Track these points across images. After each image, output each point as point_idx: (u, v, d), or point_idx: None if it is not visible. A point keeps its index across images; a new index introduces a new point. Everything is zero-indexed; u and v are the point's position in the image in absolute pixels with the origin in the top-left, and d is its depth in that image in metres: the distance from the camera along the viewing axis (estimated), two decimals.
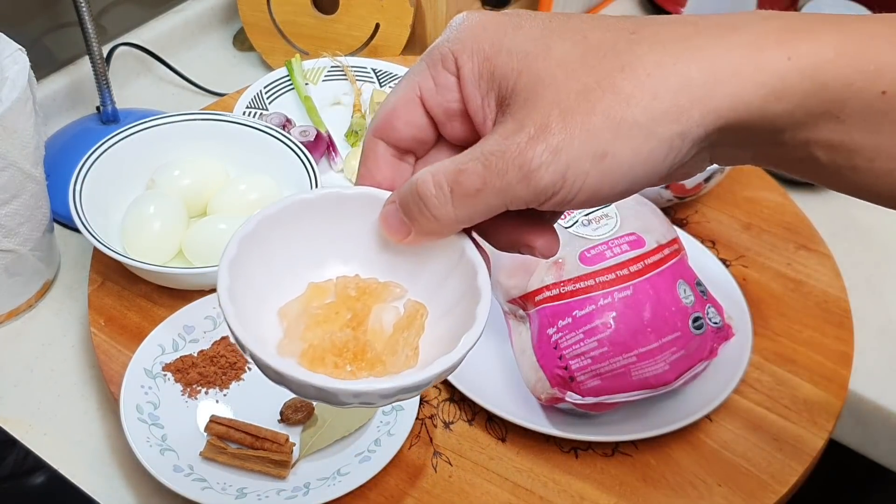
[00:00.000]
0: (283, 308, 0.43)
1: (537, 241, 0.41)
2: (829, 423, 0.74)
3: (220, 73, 1.12)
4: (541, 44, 0.38)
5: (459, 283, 0.42)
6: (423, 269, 0.43)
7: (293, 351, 0.41)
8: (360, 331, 0.42)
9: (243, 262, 0.41)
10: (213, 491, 0.66)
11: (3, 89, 0.73)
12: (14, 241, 0.77)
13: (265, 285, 0.42)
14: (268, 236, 0.42)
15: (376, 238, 0.43)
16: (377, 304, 0.43)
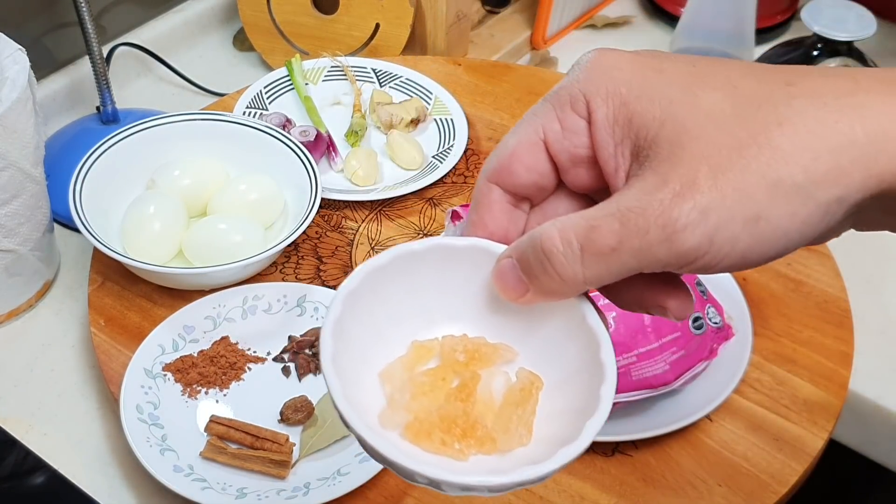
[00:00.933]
0: (384, 371, 0.40)
1: (669, 302, 0.37)
2: (829, 423, 0.74)
3: (220, 73, 1.12)
4: (687, 92, 0.35)
5: (578, 352, 0.39)
6: (537, 332, 0.40)
7: (397, 422, 0.38)
8: (469, 402, 0.38)
9: (346, 321, 0.38)
10: (213, 491, 0.66)
11: (3, 89, 0.73)
12: (14, 241, 0.77)
13: (367, 343, 0.39)
14: (372, 290, 0.39)
15: (486, 295, 0.40)
16: (486, 368, 0.39)
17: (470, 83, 1.06)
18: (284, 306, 0.79)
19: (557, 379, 0.39)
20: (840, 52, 0.94)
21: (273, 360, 0.77)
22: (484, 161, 0.97)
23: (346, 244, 0.87)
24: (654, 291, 0.37)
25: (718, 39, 1.06)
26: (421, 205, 0.92)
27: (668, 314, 0.37)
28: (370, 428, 0.36)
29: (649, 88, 0.35)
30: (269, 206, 0.85)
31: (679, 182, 0.33)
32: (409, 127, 0.98)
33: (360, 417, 0.36)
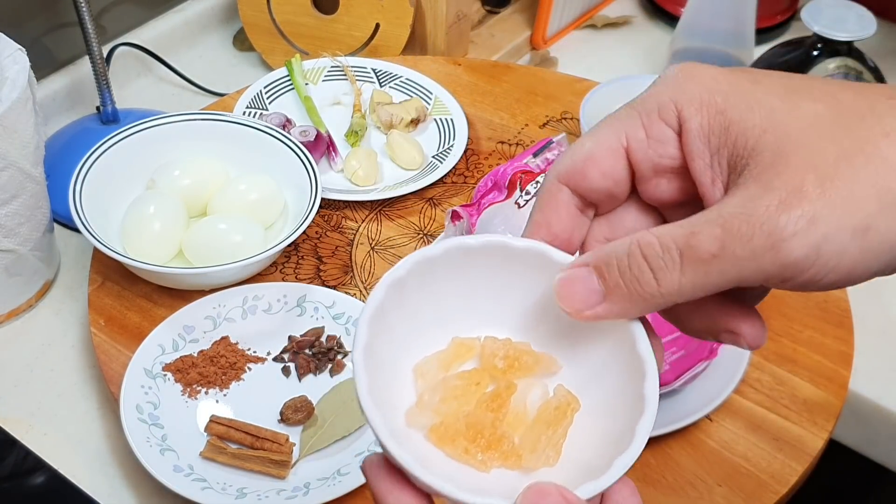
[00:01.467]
0: (419, 364, 0.39)
1: (744, 328, 0.35)
2: (829, 423, 0.74)
3: (220, 73, 1.12)
4: (787, 101, 0.34)
5: (621, 380, 0.38)
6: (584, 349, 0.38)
7: (423, 423, 0.37)
8: (500, 413, 0.37)
9: (388, 308, 0.37)
10: (213, 491, 0.66)
11: (3, 89, 0.73)
12: (14, 241, 0.77)
13: (407, 333, 0.38)
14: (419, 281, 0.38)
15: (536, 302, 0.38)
16: (524, 377, 0.38)
17: (470, 83, 1.06)
18: (284, 306, 0.79)
19: (596, 402, 0.38)
20: (840, 52, 0.94)
21: (273, 360, 0.77)
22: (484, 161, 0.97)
23: (346, 244, 0.87)
24: (728, 316, 0.35)
25: (718, 39, 1.06)
26: (421, 205, 0.92)
27: (741, 342, 0.36)
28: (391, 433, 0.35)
29: (747, 97, 0.34)
30: (269, 206, 0.85)
31: (785, 189, 0.32)
32: (409, 127, 0.98)
33: (384, 417, 0.35)
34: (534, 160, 0.82)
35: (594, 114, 0.92)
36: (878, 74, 0.96)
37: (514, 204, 0.76)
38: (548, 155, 0.83)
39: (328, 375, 0.76)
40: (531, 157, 0.83)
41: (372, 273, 0.85)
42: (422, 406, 0.38)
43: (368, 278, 0.84)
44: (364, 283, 0.84)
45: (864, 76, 0.95)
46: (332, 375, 0.76)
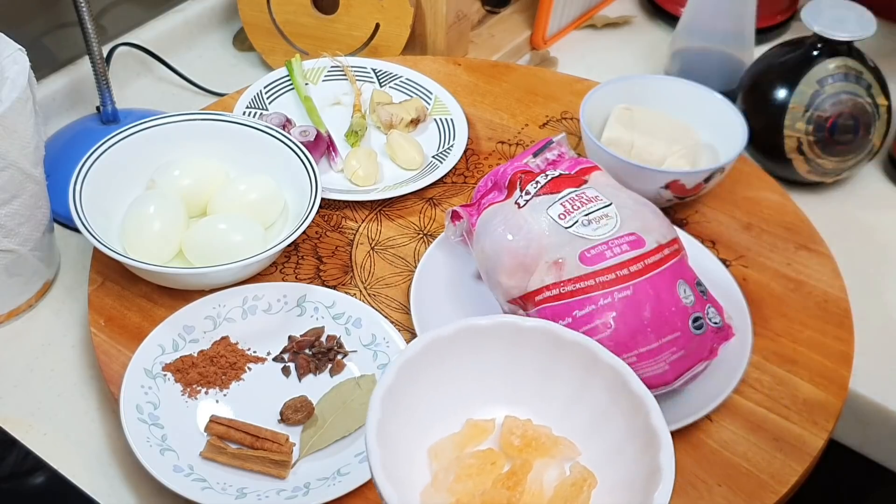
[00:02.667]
0: (434, 446, 0.39)
1: None
2: (829, 423, 0.74)
3: (220, 73, 1.12)
4: None
5: (639, 453, 0.38)
6: (602, 427, 0.39)
7: (439, 503, 0.37)
8: (515, 491, 0.37)
9: (400, 390, 0.37)
10: (213, 491, 0.66)
11: (3, 89, 0.73)
12: (14, 241, 0.77)
13: (422, 414, 0.39)
14: (432, 361, 0.38)
15: (552, 381, 0.39)
16: (542, 458, 0.38)
17: (470, 83, 1.06)
18: (284, 306, 0.79)
19: (614, 481, 0.38)
20: (840, 52, 0.94)
21: (273, 360, 0.77)
22: (484, 161, 0.97)
23: (346, 244, 0.87)
24: None
25: (718, 39, 1.06)
26: (421, 205, 0.92)
27: None
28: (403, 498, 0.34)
29: None
30: (269, 206, 0.85)
31: None
32: (409, 127, 0.98)
33: (399, 494, 0.35)
34: (534, 160, 0.82)
35: (594, 114, 0.93)
36: (878, 74, 0.96)
37: (514, 204, 0.76)
38: (548, 155, 0.83)
39: (328, 375, 0.76)
40: (531, 157, 0.83)
41: (372, 273, 0.85)
42: (437, 485, 0.38)
43: (368, 278, 0.84)
44: (364, 282, 0.84)
45: (864, 76, 0.95)
46: (332, 375, 0.76)
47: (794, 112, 0.95)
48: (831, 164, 0.96)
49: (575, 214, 0.74)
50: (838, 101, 0.94)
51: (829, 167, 0.97)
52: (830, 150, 0.96)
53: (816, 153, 0.95)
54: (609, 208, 0.74)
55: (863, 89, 0.94)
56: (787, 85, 0.95)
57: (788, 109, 0.95)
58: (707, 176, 0.86)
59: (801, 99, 0.94)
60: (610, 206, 0.74)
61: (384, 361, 0.75)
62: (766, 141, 0.97)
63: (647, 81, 0.97)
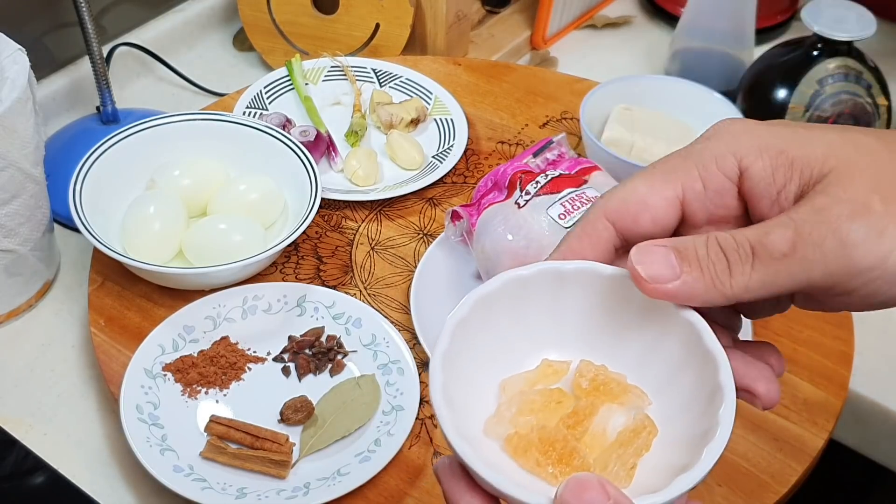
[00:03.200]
0: (506, 380, 0.39)
1: (760, 387, 0.38)
2: (829, 423, 0.74)
3: (220, 73, 1.12)
4: (843, 135, 0.37)
5: (695, 376, 0.38)
6: (654, 356, 0.39)
7: (499, 433, 0.38)
8: (577, 430, 0.38)
9: (472, 323, 0.39)
10: (213, 491, 0.66)
11: (3, 89, 0.73)
12: (14, 241, 0.77)
13: (492, 350, 0.39)
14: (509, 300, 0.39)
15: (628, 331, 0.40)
16: (610, 404, 0.39)
17: (470, 83, 1.06)
18: (284, 306, 0.79)
19: (674, 411, 0.39)
20: (840, 52, 0.94)
21: (273, 360, 0.77)
22: (484, 161, 0.97)
23: (346, 244, 0.87)
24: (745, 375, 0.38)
25: (718, 39, 1.06)
26: (421, 205, 0.92)
27: (755, 401, 0.38)
28: (459, 433, 0.35)
29: (803, 135, 0.37)
30: (269, 206, 0.85)
31: (854, 203, 0.34)
32: (409, 127, 0.98)
33: (455, 419, 0.36)
34: (534, 160, 0.82)
35: (594, 114, 0.92)
36: (878, 74, 0.96)
37: (514, 204, 0.76)
38: (548, 155, 0.83)
39: (328, 375, 0.76)
40: (531, 157, 0.83)
41: (372, 273, 0.85)
42: (499, 417, 0.38)
43: (368, 278, 0.84)
44: (364, 282, 0.84)
45: (865, 76, 0.95)
46: (332, 375, 0.76)
47: (793, 112, 0.94)
48: None
49: (575, 214, 0.74)
50: (838, 102, 0.94)
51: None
52: None
53: None
54: None
55: (863, 89, 0.94)
56: (787, 85, 0.95)
57: (788, 109, 0.95)
58: None
59: (801, 99, 0.94)
60: None
61: (384, 361, 0.75)
62: None
63: (647, 81, 0.97)
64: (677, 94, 0.95)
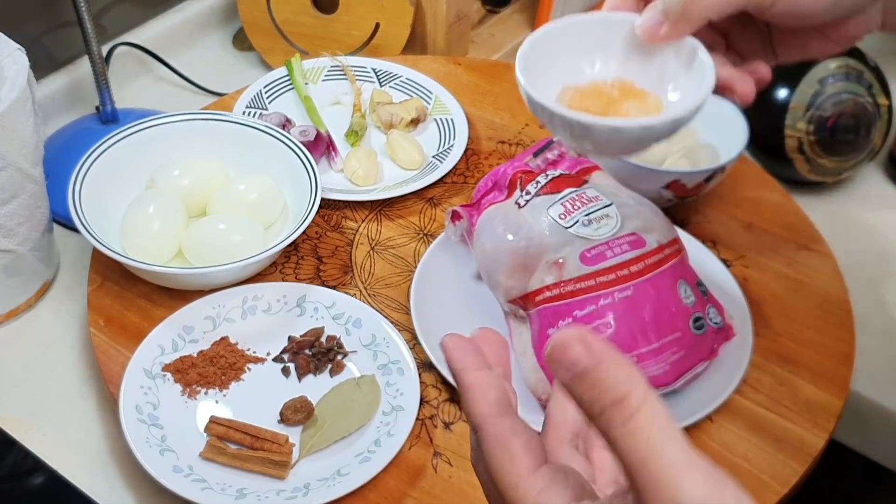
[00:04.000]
0: (565, 86, 0.56)
1: (737, 86, 0.55)
2: (830, 423, 0.74)
3: (220, 72, 1.12)
4: None
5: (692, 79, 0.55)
6: (665, 72, 0.56)
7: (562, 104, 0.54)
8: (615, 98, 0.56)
9: (544, 46, 0.55)
10: (213, 491, 0.66)
11: (3, 89, 0.73)
12: (13, 241, 0.77)
13: (554, 65, 0.55)
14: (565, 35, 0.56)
15: (631, 50, 0.56)
16: (634, 101, 0.55)
17: (470, 83, 1.05)
18: (284, 306, 0.79)
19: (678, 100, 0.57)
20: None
21: (273, 360, 0.77)
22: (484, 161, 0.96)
23: (346, 244, 0.87)
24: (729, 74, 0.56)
25: None
26: (421, 205, 0.92)
27: (734, 97, 0.55)
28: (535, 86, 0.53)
29: None
30: (269, 206, 0.85)
31: None
32: (409, 127, 0.98)
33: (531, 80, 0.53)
34: (534, 160, 0.82)
35: None
36: (879, 74, 0.96)
37: (515, 204, 0.76)
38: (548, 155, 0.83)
39: (328, 376, 0.76)
40: (531, 157, 0.83)
41: (372, 273, 0.85)
42: (560, 98, 0.55)
43: (368, 278, 0.84)
44: (364, 283, 0.84)
45: (865, 76, 0.95)
46: (332, 376, 0.76)
47: (794, 112, 0.94)
48: (832, 164, 0.96)
49: (575, 214, 0.73)
50: (839, 101, 0.94)
51: (830, 167, 0.97)
52: (831, 150, 0.96)
53: (817, 153, 0.95)
54: (609, 208, 0.74)
55: (864, 89, 0.94)
56: (788, 84, 0.95)
57: (789, 109, 0.95)
58: (708, 176, 0.86)
59: (802, 98, 0.94)
60: (610, 206, 0.74)
61: (384, 362, 0.75)
62: (767, 141, 0.97)
63: None
64: None
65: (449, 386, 0.74)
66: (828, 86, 0.94)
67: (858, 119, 0.95)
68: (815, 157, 0.96)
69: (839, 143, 0.95)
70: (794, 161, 0.96)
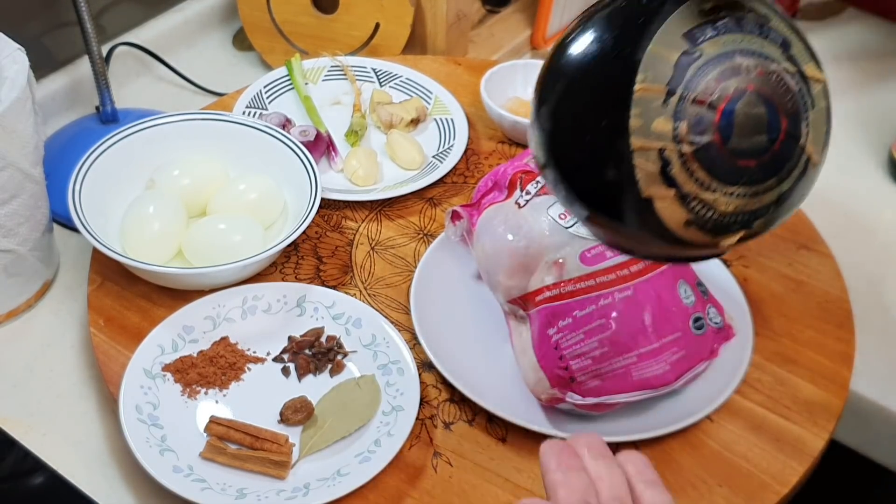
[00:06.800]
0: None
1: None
2: (829, 423, 0.74)
3: (220, 72, 1.12)
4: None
5: None
6: None
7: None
8: None
9: None
10: (213, 491, 0.66)
11: (3, 89, 0.73)
12: (13, 241, 0.77)
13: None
14: None
15: None
16: None
17: (470, 83, 1.05)
18: (284, 306, 0.79)
19: None
20: None
21: (273, 360, 0.77)
22: (484, 160, 0.96)
23: (346, 244, 0.87)
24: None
25: None
26: (421, 205, 0.92)
27: None
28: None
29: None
30: (269, 206, 0.85)
31: None
32: (409, 127, 0.98)
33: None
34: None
35: None
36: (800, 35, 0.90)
37: (515, 204, 0.76)
38: None
39: (328, 376, 0.76)
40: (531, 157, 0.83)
41: (372, 273, 0.85)
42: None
43: (368, 278, 0.84)
44: (364, 283, 0.84)
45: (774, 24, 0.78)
46: (332, 376, 0.76)
47: (645, 99, 0.47)
48: (730, 200, 0.48)
49: None
50: (732, 69, 0.47)
51: (728, 208, 0.48)
52: (725, 169, 0.48)
53: (699, 179, 0.47)
54: None
55: (775, 48, 0.49)
56: (623, 49, 0.47)
57: (633, 96, 0.47)
58: None
59: (658, 72, 0.47)
60: None
61: (384, 362, 0.75)
62: (590, 174, 0.49)
63: None
64: None
65: (449, 386, 0.74)
66: (705, 42, 0.47)
67: (772, 103, 0.48)
68: (695, 190, 0.47)
69: (740, 155, 0.48)
70: (655, 202, 0.48)
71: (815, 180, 0.51)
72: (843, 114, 1.09)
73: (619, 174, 0.47)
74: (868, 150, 1.05)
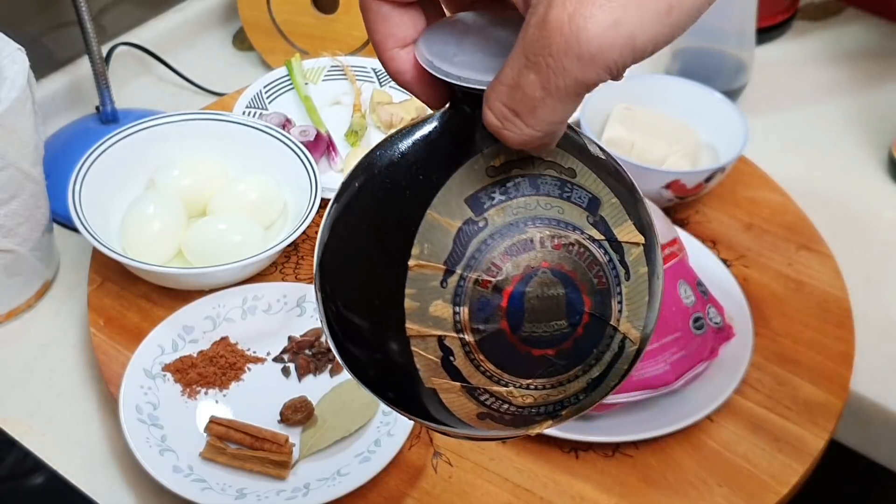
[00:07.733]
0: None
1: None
2: (830, 423, 0.74)
3: (220, 72, 1.12)
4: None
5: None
6: None
7: None
8: None
9: None
10: (213, 491, 0.66)
11: (3, 89, 0.73)
12: (13, 241, 0.77)
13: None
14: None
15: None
16: None
17: None
18: (284, 306, 0.79)
19: None
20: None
21: (273, 360, 0.77)
22: None
23: None
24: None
25: (719, 39, 1.06)
26: None
27: None
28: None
29: None
30: (269, 206, 0.85)
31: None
32: None
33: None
34: None
35: (595, 113, 0.92)
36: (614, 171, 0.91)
37: None
38: None
39: (328, 376, 0.76)
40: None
41: None
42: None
43: None
44: None
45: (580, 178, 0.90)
46: (332, 376, 0.76)
47: (420, 278, 0.37)
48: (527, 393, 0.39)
49: None
50: (522, 243, 0.37)
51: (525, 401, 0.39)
52: (516, 361, 0.38)
53: (487, 371, 0.38)
54: None
55: (579, 211, 0.39)
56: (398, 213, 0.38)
57: (408, 274, 0.37)
58: (708, 176, 0.86)
59: (435, 245, 0.37)
60: None
61: None
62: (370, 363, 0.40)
63: (648, 81, 0.97)
64: (678, 93, 0.95)
65: None
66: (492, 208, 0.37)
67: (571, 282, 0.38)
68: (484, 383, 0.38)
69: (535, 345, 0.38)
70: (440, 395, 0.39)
71: (641, 355, 0.43)
72: (843, 114, 1.09)
73: (399, 363, 0.38)
74: (868, 150, 1.05)
